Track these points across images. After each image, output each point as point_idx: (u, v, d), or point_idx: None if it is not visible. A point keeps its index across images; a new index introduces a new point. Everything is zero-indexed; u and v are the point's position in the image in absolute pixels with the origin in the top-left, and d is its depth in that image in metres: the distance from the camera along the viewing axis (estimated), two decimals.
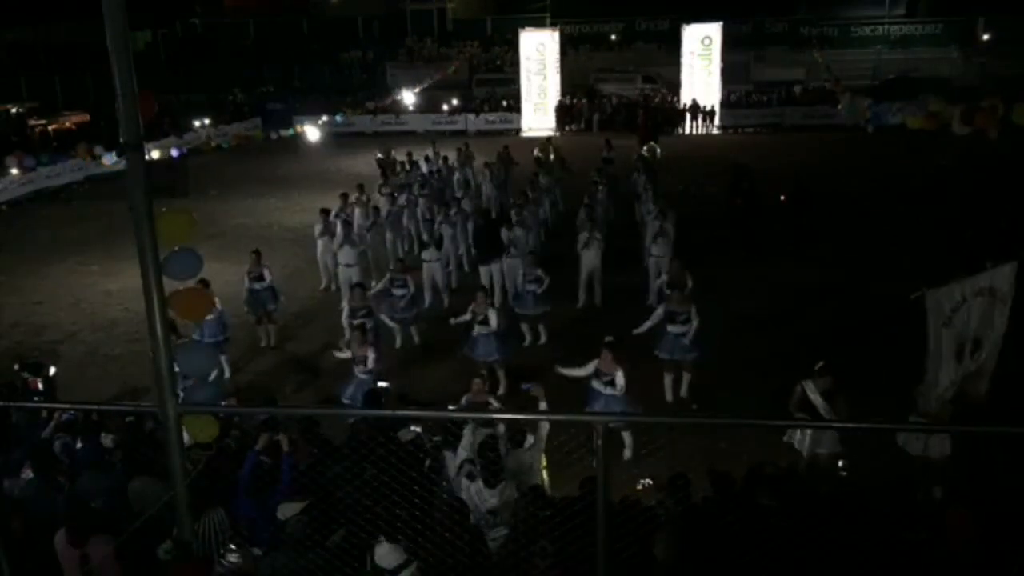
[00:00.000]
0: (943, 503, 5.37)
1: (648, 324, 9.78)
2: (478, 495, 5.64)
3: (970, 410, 6.99)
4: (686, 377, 9.77)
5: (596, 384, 8.37)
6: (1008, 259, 7.30)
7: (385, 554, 4.68)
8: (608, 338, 8.54)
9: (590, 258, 13.02)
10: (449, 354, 11.02)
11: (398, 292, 11.46)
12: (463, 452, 6.06)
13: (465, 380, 9.46)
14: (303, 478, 5.73)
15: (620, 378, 8.20)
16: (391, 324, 11.22)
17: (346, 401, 8.84)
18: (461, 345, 10.38)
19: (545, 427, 6.60)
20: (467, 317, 10.06)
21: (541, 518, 5.07)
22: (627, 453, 8.37)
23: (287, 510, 5.24)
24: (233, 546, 4.83)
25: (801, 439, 7.47)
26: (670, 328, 9.64)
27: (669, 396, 9.78)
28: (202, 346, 7.51)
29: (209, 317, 10.29)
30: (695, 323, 9.51)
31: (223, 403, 8.55)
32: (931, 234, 16.05)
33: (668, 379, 9.79)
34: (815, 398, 7.28)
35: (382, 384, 8.41)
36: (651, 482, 6.07)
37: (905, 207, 18.67)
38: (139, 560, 4.78)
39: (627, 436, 8.42)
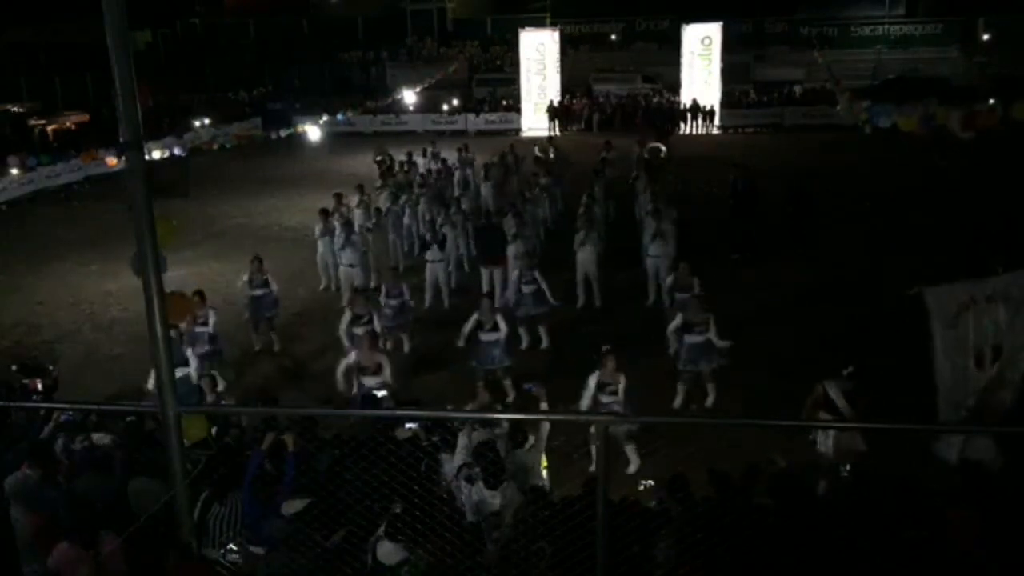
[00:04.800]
0: (945, 503, 5.36)
1: (671, 333, 9.68)
2: (479, 497, 5.64)
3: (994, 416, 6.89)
4: (711, 388, 9.58)
5: (602, 397, 8.14)
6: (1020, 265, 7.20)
7: (387, 552, 4.69)
8: (606, 347, 8.39)
9: (585, 257, 12.98)
10: (447, 361, 10.95)
11: (391, 302, 11.30)
12: (460, 456, 6.06)
13: (463, 387, 9.46)
14: (304, 477, 5.73)
15: (622, 384, 8.11)
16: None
17: None
18: (467, 357, 10.08)
19: (546, 427, 6.61)
20: (470, 325, 9.83)
21: (541, 518, 5.07)
22: (632, 468, 8.11)
23: (291, 508, 5.26)
24: (234, 546, 4.84)
25: (824, 439, 7.34)
26: (688, 339, 9.50)
27: (678, 402, 9.67)
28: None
29: (200, 329, 10.11)
30: (713, 331, 9.41)
31: (223, 403, 8.60)
32: (930, 235, 16.06)
33: (682, 389, 9.66)
34: (839, 400, 7.14)
35: (380, 393, 8.38)
36: (652, 483, 6.07)
37: (904, 208, 18.68)
38: (143, 560, 4.78)
39: (631, 450, 8.18)
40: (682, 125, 34.79)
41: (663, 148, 22.44)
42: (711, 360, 9.49)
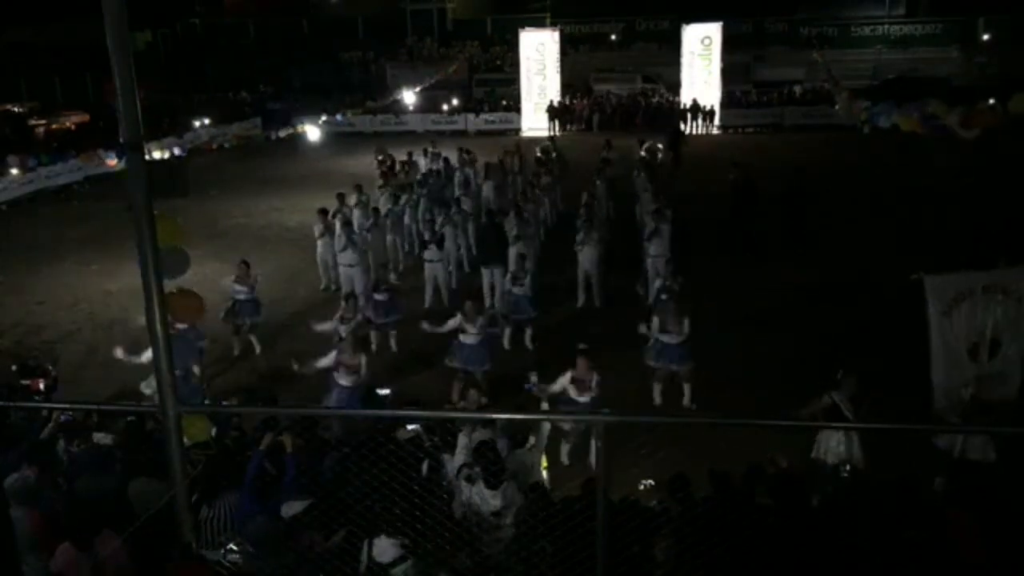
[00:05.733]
0: (944, 503, 5.37)
1: (644, 331, 9.72)
2: (479, 497, 5.64)
3: (994, 413, 6.89)
4: (687, 388, 9.62)
5: (573, 394, 8.24)
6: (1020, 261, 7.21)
7: (383, 548, 4.69)
8: (581, 345, 8.48)
9: (587, 257, 12.99)
10: (443, 360, 10.96)
11: (378, 297, 11.38)
12: (460, 456, 6.06)
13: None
14: (304, 477, 5.73)
15: (595, 381, 8.18)
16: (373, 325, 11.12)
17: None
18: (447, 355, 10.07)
19: (546, 427, 6.62)
20: (452, 325, 9.86)
21: (541, 518, 5.07)
22: (565, 460, 8.31)
23: (291, 509, 5.25)
24: (234, 546, 4.84)
25: (832, 453, 7.25)
26: (661, 336, 9.52)
27: (658, 400, 9.68)
28: (180, 338, 7.51)
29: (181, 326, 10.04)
30: (686, 333, 9.40)
31: (223, 403, 8.59)
32: (930, 234, 16.06)
33: (657, 388, 9.69)
34: (846, 410, 7.08)
35: (384, 391, 8.38)
36: (652, 483, 6.07)
37: (903, 207, 18.69)
38: (146, 559, 4.78)
39: (565, 450, 8.35)
40: (682, 125, 34.77)
41: (660, 149, 22.40)
42: (683, 362, 9.48)
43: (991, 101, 21.77)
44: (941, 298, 6.87)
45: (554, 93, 36.24)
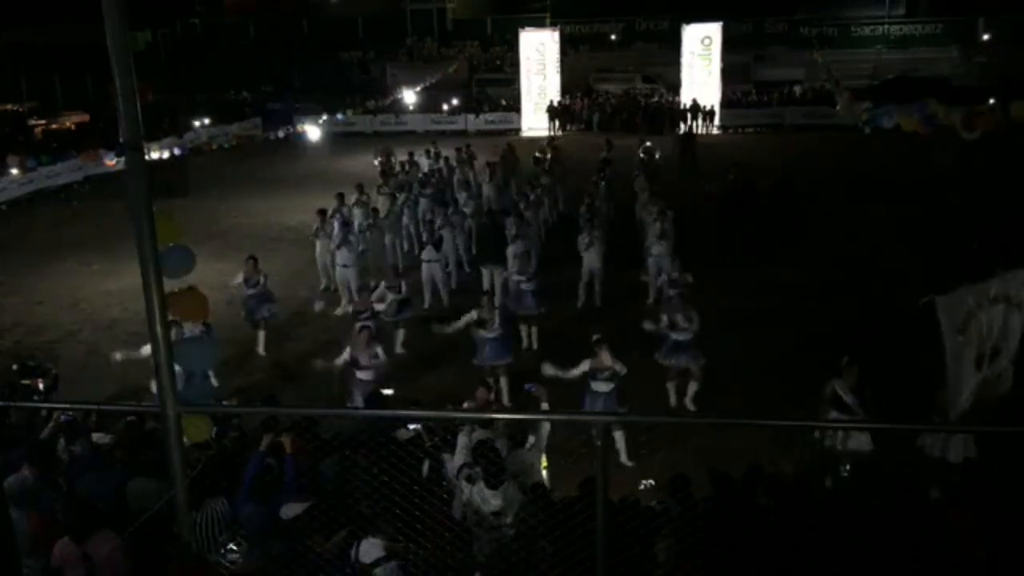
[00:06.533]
0: (944, 503, 5.36)
1: (651, 327, 9.73)
2: (479, 497, 5.63)
3: (990, 412, 6.93)
4: (692, 386, 9.63)
5: (595, 384, 8.30)
6: (1018, 264, 7.23)
7: (368, 548, 4.69)
8: (596, 336, 8.52)
9: (592, 259, 13.02)
10: (451, 359, 10.95)
11: (390, 295, 11.41)
12: (460, 456, 6.06)
13: (468, 385, 9.46)
14: (303, 479, 5.72)
15: (620, 368, 8.22)
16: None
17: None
18: (471, 353, 10.14)
19: (546, 427, 6.61)
20: (470, 318, 9.91)
21: (541, 518, 5.07)
22: (623, 457, 8.28)
23: (291, 511, 5.24)
24: (234, 545, 4.83)
25: (833, 434, 7.45)
26: (672, 334, 9.55)
27: (673, 401, 9.72)
28: (198, 341, 7.50)
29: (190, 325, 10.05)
30: (696, 328, 9.43)
31: (223, 403, 8.58)
32: (929, 234, 16.06)
33: (671, 385, 9.72)
34: (847, 397, 7.31)
35: (387, 391, 8.38)
36: (652, 483, 6.08)
37: (903, 207, 18.68)
38: (144, 559, 4.77)
39: (620, 438, 8.32)
40: (682, 125, 34.78)
41: (656, 149, 22.39)
42: (696, 359, 9.50)
43: (991, 101, 21.82)
44: (954, 317, 6.89)
45: (554, 93, 36.23)
